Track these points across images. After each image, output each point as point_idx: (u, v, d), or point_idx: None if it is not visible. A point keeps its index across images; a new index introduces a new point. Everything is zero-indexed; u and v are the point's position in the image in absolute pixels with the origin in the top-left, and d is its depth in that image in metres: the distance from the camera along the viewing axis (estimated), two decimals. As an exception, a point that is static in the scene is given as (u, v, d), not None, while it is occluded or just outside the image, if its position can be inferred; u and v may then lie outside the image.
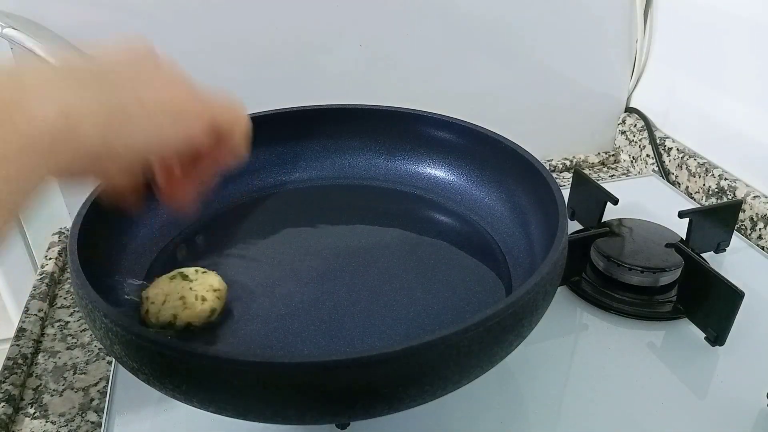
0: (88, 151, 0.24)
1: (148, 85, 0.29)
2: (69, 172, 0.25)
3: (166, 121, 0.29)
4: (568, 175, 0.82)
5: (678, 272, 0.54)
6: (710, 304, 0.50)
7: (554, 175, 0.83)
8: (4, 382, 0.49)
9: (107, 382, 0.50)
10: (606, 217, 0.61)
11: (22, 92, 0.22)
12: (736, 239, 0.63)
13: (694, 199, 0.74)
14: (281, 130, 0.59)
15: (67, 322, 0.58)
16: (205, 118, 0.31)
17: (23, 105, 0.22)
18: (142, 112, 0.27)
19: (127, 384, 0.47)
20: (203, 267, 0.48)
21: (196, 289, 0.44)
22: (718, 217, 0.60)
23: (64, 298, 0.61)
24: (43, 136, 0.22)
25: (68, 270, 0.57)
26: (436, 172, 0.59)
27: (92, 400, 0.50)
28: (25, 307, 0.58)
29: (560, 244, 0.40)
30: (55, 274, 0.63)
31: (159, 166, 0.34)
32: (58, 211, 0.69)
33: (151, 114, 0.28)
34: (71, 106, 0.23)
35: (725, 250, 0.62)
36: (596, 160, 0.86)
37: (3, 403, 0.47)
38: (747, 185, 0.69)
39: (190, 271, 0.46)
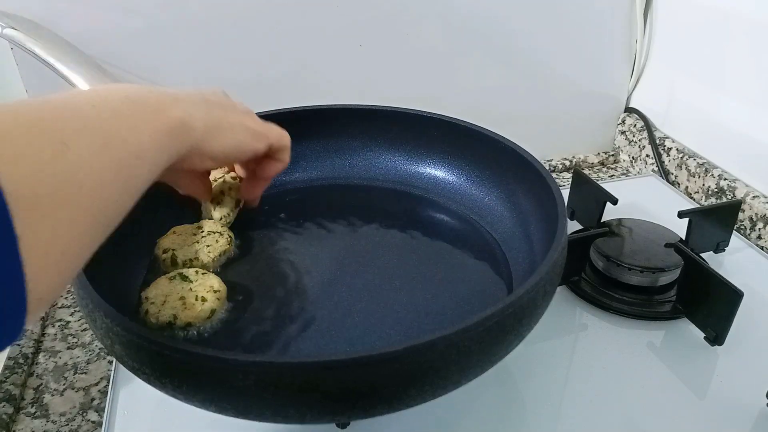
0: (192, 143, 0.37)
1: (232, 111, 0.42)
2: (178, 155, 0.36)
3: (245, 137, 0.42)
4: (568, 175, 0.82)
5: (677, 272, 0.54)
6: (710, 304, 0.50)
7: (554, 175, 0.83)
8: (4, 381, 0.49)
9: (108, 382, 0.50)
10: (606, 217, 0.61)
11: (166, 102, 0.35)
12: (736, 239, 0.63)
13: (694, 199, 0.74)
14: (281, 130, 0.59)
15: (68, 322, 0.58)
16: (267, 139, 0.45)
17: (166, 108, 0.34)
18: (229, 128, 0.41)
19: (128, 384, 0.47)
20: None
21: (196, 290, 0.45)
22: (718, 217, 0.60)
23: (65, 298, 0.61)
24: (173, 126, 0.34)
25: (68, 270, 0.57)
26: (436, 172, 0.59)
27: (93, 399, 0.50)
28: (26, 307, 0.58)
29: (560, 244, 0.40)
30: (56, 274, 0.63)
31: (241, 166, 0.51)
32: (59, 211, 0.69)
33: (235, 131, 0.41)
34: (189, 114, 0.36)
35: (725, 250, 0.62)
36: (596, 160, 0.87)
37: (4, 403, 0.47)
38: (746, 185, 0.69)
39: (189, 272, 0.47)
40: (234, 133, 0.41)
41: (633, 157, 0.85)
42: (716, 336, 0.49)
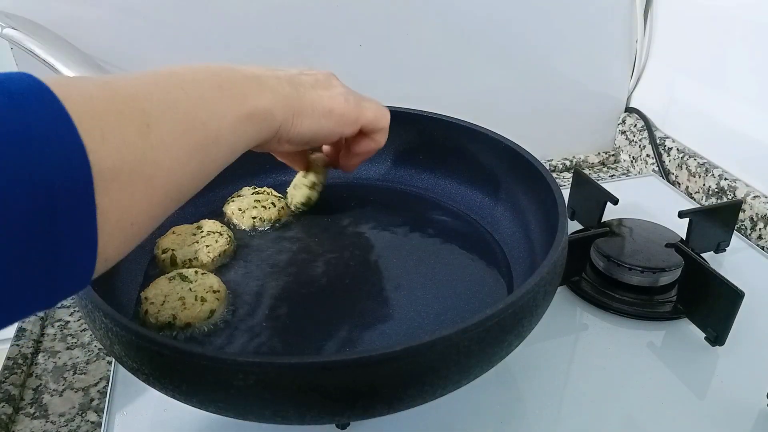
0: (271, 130, 0.38)
1: (319, 97, 0.41)
2: (257, 141, 0.37)
3: (327, 123, 0.42)
4: (568, 175, 0.82)
5: (678, 272, 0.54)
6: (710, 304, 0.50)
7: (554, 175, 0.83)
8: (4, 382, 0.49)
9: (107, 382, 0.50)
10: (606, 217, 0.61)
11: (252, 89, 0.36)
12: (736, 239, 0.63)
13: (694, 199, 0.74)
14: (281, 130, 0.59)
15: (67, 322, 0.58)
16: (356, 123, 0.44)
17: (250, 96, 0.36)
18: (311, 114, 0.40)
19: (127, 384, 0.47)
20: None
21: (196, 290, 0.45)
22: (718, 217, 0.60)
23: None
24: (254, 114, 0.36)
25: (68, 270, 0.57)
26: (436, 172, 0.59)
27: (92, 400, 0.50)
28: (25, 307, 0.58)
29: (560, 244, 0.40)
30: (55, 274, 0.63)
31: (330, 145, 0.52)
32: (58, 211, 0.69)
33: (317, 117, 0.41)
34: (272, 102, 0.37)
35: (725, 250, 0.62)
36: (596, 160, 0.86)
37: (3, 403, 0.47)
38: (747, 185, 0.69)
39: (189, 272, 0.46)
40: (316, 119, 0.40)
41: (633, 157, 0.85)
42: (717, 336, 0.49)
